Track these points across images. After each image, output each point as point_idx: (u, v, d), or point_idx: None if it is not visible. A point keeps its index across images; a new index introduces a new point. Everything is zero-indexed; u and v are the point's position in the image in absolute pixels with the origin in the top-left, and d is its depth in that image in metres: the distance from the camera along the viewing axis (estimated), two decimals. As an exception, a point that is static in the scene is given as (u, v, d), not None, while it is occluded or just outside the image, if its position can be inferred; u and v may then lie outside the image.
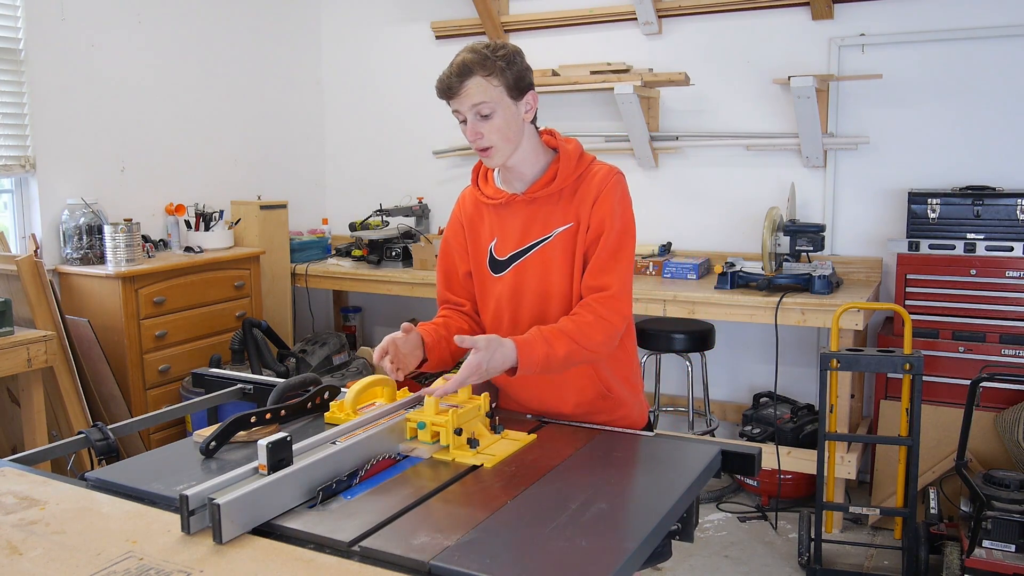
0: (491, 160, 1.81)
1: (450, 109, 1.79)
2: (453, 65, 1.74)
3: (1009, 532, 2.72)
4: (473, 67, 1.72)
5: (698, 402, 3.91)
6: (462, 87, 1.73)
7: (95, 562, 1.19)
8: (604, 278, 1.78)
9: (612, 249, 1.78)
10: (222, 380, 2.17)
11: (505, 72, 1.74)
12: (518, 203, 1.85)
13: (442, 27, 4.62)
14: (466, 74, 1.73)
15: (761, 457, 1.68)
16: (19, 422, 3.10)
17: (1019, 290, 3.21)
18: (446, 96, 1.77)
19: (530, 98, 1.80)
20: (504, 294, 1.88)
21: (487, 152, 1.79)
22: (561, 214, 1.82)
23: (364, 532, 1.27)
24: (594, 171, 1.83)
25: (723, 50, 4.00)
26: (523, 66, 1.79)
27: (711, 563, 3.17)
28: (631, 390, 1.93)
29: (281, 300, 4.36)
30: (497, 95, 1.74)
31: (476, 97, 1.73)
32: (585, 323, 1.75)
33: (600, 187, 1.80)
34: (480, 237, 1.92)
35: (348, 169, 5.08)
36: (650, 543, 1.31)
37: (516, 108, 1.78)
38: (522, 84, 1.78)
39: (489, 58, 1.73)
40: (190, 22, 4.18)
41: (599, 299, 1.77)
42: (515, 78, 1.76)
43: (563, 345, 1.71)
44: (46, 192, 3.57)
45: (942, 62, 3.59)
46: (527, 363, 1.69)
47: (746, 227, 4.01)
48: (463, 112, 1.76)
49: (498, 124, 1.76)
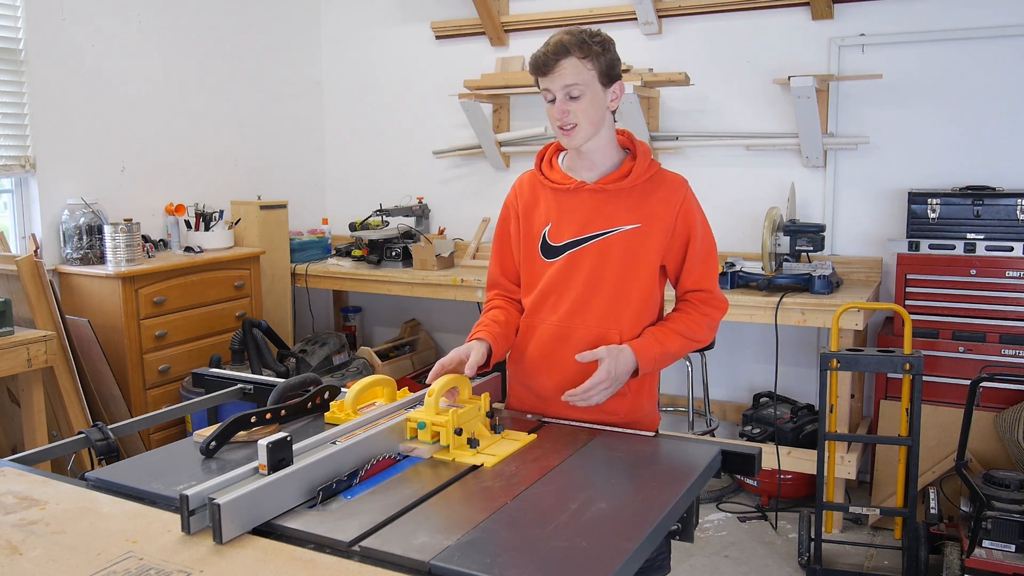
0: (572, 140, 1.84)
1: (540, 87, 1.83)
2: (550, 44, 1.79)
3: (1009, 532, 2.72)
4: (570, 48, 1.77)
5: (698, 402, 3.91)
6: (557, 65, 1.78)
7: (95, 562, 1.19)
8: (704, 282, 1.90)
9: (704, 254, 1.89)
10: (222, 380, 2.17)
11: (600, 57, 1.79)
12: (585, 192, 1.88)
13: (442, 27, 4.62)
14: (562, 53, 1.77)
15: (761, 457, 1.68)
16: (19, 422, 3.10)
17: (1019, 290, 3.21)
18: (540, 73, 1.81)
19: (617, 87, 1.85)
20: (553, 279, 1.90)
21: (571, 131, 1.82)
22: (627, 212, 1.85)
23: (364, 532, 1.27)
24: (664, 177, 1.89)
25: (723, 50, 4.00)
26: (615, 55, 1.84)
27: (711, 563, 3.17)
28: (649, 398, 1.95)
29: (281, 300, 4.36)
30: (589, 78, 1.79)
31: (569, 78, 1.78)
32: (693, 320, 1.88)
33: (679, 195, 1.87)
34: (533, 221, 1.94)
35: (348, 169, 5.08)
36: (650, 543, 1.31)
37: (604, 94, 1.83)
38: (612, 72, 1.83)
39: (586, 42, 1.78)
40: (190, 22, 4.18)
41: (703, 298, 1.90)
42: (607, 65, 1.81)
43: (675, 342, 1.85)
44: (46, 192, 3.57)
45: (942, 62, 3.59)
46: (647, 362, 1.81)
47: (746, 227, 4.01)
48: (553, 91, 1.80)
49: (585, 106, 1.80)
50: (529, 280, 1.96)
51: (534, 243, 1.93)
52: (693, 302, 1.90)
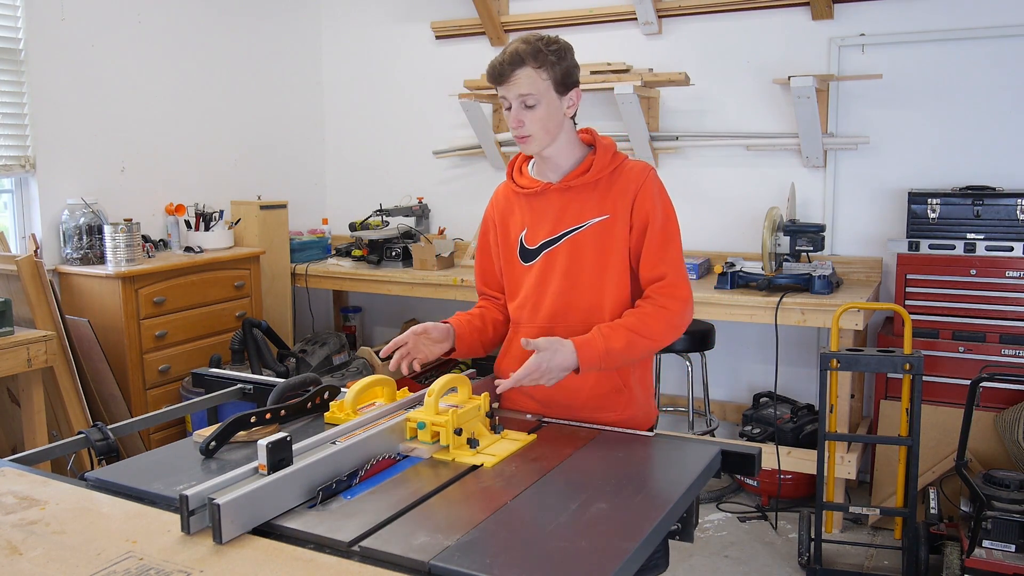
0: (528, 147, 1.87)
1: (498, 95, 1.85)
2: (506, 53, 1.81)
3: (1009, 532, 2.72)
4: (525, 57, 1.79)
5: (698, 402, 3.91)
6: (512, 75, 1.80)
7: (95, 562, 1.19)
8: (659, 268, 1.84)
9: (660, 240, 1.84)
10: (222, 380, 2.17)
11: (555, 67, 1.81)
12: (552, 192, 1.91)
13: (442, 27, 4.62)
14: (517, 63, 1.79)
15: (761, 457, 1.68)
16: (19, 422, 3.10)
17: (1019, 290, 3.21)
18: (495, 82, 1.83)
19: (573, 95, 1.87)
20: (532, 281, 1.93)
21: (526, 140, 1.85)
22: (596, 205, 1.87)
23: (364, 532, 1.27)
24: (628, 166, 1.90)
25: (723, 50, 4.00)
26: (572, 63, 1.85)
27: (711, 563, 3.17)
28: (645, 391, 1.96)
29: (281, 300, 4.36)
30: (544, 88, 1.81)
31: (524, 88, 1.80)
32: (644, 314, 1.81)
33: (638, 182, 1.86)
34: (510, 229, 1.98)
35: (348, 169, 5.08)
36: (650, 543, 1.31)
37: (560, 102, 1.84)
38: (568, 80, 1.84)
39: (542, 51, 1.80)
40: (190, 22, 4.18)
41: (657, 288, 1.84)
42: (563, 73, 1.82)
43: (621, 338, 1.77)
44: (46, 192, 3.57)
45: (942, 62, 3.59)
46: (587, 360, 1.74)
47: (746, 227, 4.01)
48: (509, 99, 1.83)
49: (540, 115, 1.82)
50: (511, 286, 1.99)
51: (512, 250, 1.97)
52: (651, 296, 1.84)
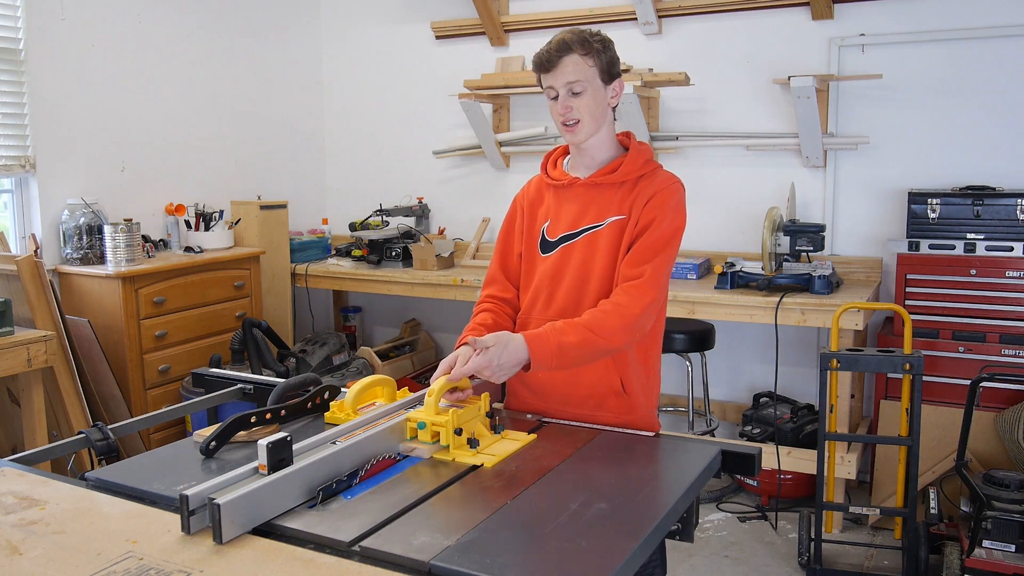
0: (575, 135, 1.88)
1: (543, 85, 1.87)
2: (552, 42, 1.84)
3: (1009, 532, 2.72)
4: (572, 45, 1.82)
5: (698, 402, 3.91)
6: (559, 62, 1.83)
7: (95, 562, 1.19)
8: (638, 268, 1.82)
9: (653, 244, 1.83)
10: (222, 380, 2.17)
11: (601, 55, 1.84)
12: (579, 187, 1.92)
13: (442, 27, 4.62)
14: (565, 51, 1.82)
15: (761, 457, 1.68)
16: (19, 422, 3.10)
17: (1019, 290, 3.21)
18: (543, 70, 1.85)
19: (617, 85, 1.90)
20: (546, 273, 1.94)
21: (574, 127, 1.86)
22: (617, 205, 1.89)
23: (364, 532, 1.27)
24: (657, 175, 1.90)
25: (723, 50, 4.00)
26: (615, 54, 1.88)
27: (711, 563, 3.17)
28: (646, 396, 1.93)
29: (281, 300, 4.36)
30: (590, 75, 1.84)
31: (571, 75, 1.82)
32: (601, 311, 1.78)
33: (658, 188, 1.87)
34: (536, 219, 2.00)
35: (348, 169, 5.08)
36: (650, 543, 1.31)
37: (605, 91, 1.87)
38: (613, 70, 1.88)
39: (588, 40, 1.83)
40: (190, 22, 4.18)
41: (625, 287, 1.81)
42: (608, 62, 1.86)
43: (574, 334, 1.74)
44: (46, 192, 3.57)
45: (942, 62, 3.59)
46: (539, 356, 1.72)
47: (746, 227, 4.01)
48: (556, 87, 1.85)
49: (587, 102, 1.84)
50: (527, 275, 1.99)
51: (535, 240, 1.98)
52: (616, 293, 1.81)
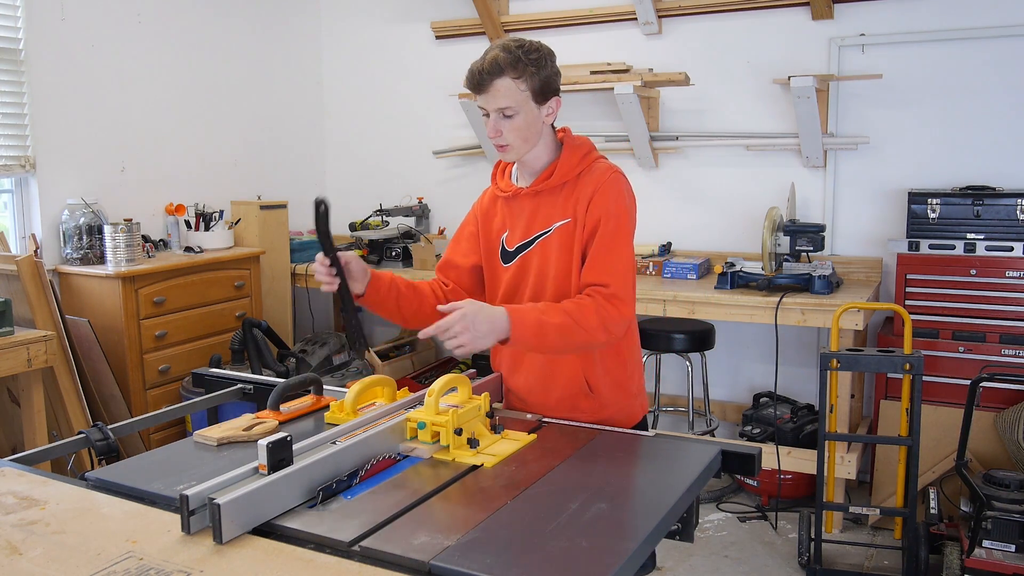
0: (506, 155, 1.87)
1: (476, 102, 1.83)
2: (485, 60, 1.78)
3: (1009, 532, 2.72)
4: (504, 67, 1.76)
5: (698, 402, 3.91)
6: (491, 85, 1.78)
7: (95, 562, 1.19)
8: (603, 275, 1.77)
9: (608, 247, 1.79)
10: (222, 380, 2.17)
11: (534, 76, 1.79)
12: (524, 196, 1.91)
13: (442, 27, 4.62)
14: (496, 73, 1.77)
15: (761, 457, 1.68)
16: (19, 422, 3.10)
17: (1019, 290, 3.21)
18: (474, 90, 1.81)
19: (553, 103, 1.85)
20: (510, 283, 1.94)
21: (504, 149, 1.84)
22: (561, 208, 1.86)
23: (364, 532, 1.27)
24: (595, 168, 1.86)
25: (723, 50, 4.00)
26: (552, 71, 1.83)
27: (711, 563, 3.17)
28: (620, 393, 1.92)
29: (281, 300, 4.36)
30: (522, 99, 1.79)
31: (502, 100, 1.78)
32: (583, 304, 1.74)
33: (596, 184, 1.82)
34: (492, 230, 1.98)
35: (348, 169, 5.08)
36: (650, 543, 1.31)
37: (538, 111, 1.82)
38: (548, 89, 1.82)
39: (521, 60, 1.77)
40: (190, 22, 4.18)
41: (600, 292, 1.76)
42: (542, 83, 1.80)
43: (556, 316, 1.71)
44: (46, 192, 3.57)
45: (942, 62, 3.59)
46: (520, 329, 1.68)
47: (746, 227, 4.01)
48: (488, 109, 1.81)
49: (519, 124, 1.80)
50: (492, 286, 1.99)
51: (495, 251, 1.97)
52: (591, 294, 1.77)
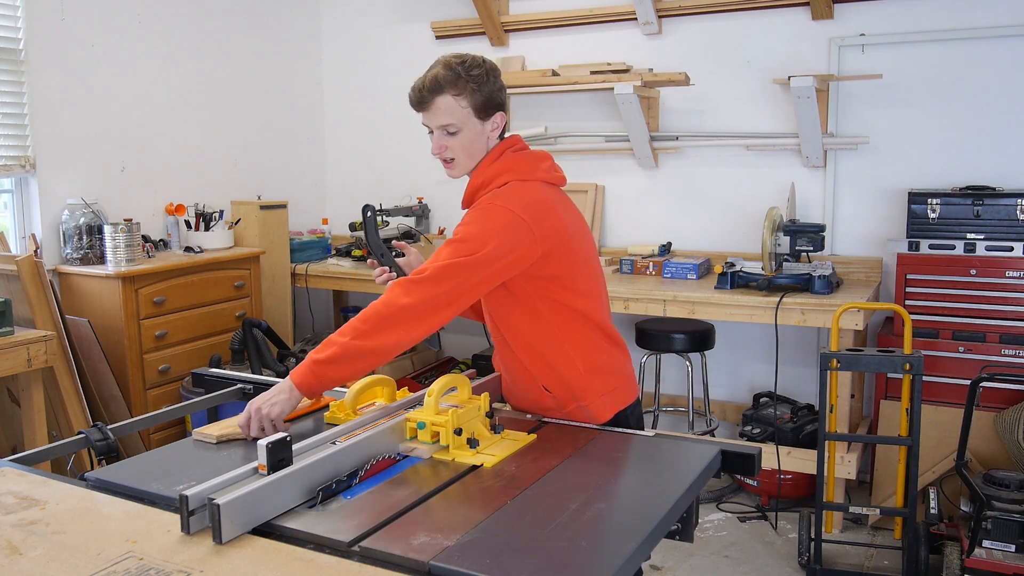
0: (453, 171, 1.88)
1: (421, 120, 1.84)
2: (426, 78, 1.79)
3: (1009, 532, 2.72)
4: (444, 84, 1.77)
5: (698, 402, 3.91)
6: (432, 103, 1.79)
7: (95, 562, 1.19)
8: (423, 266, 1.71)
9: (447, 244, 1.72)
10: (222, 380, 2.17)
11: (475, 93, 1.78)
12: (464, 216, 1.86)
13: (442, 27, 4.62)
14: (436, 90, 1.78)
15: (761, 457, 1.68)
16: (19, 422, 3.10)
17: (1019, 290, 3.21)
18: (416, 108, 1.83)
19: (498, 118, 1.84)
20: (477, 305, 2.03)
21: (449, 164, 1.86)
22: None
23: (364, 532, 1.27)
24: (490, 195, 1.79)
25: (723, 50, 4.00)
26: (495, 87, 1.82)
27: (711, 563, 3.17)
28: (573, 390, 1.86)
29: (281, 300, 4.36)
30: (464, 116, 1.79)
31: (443, 117, 1.79)
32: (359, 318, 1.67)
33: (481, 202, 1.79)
34: None
35: (348, 169, 5.08)
36: (650, 543, 1.31)
37: (482, 127, 1.83)
38: (490, 105, 1.82)
39: (462, 77, 1.77)
40: (190, 22, 4.18)
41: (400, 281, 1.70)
42: (484, 99, 1.80)
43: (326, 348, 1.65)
44: (46, 192, 3.57)
45: (942, 62, 3.59)
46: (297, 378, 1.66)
47: (746, 227, 4.01)
48: (431, 126, 1.83)
49: (462, 141, 1.82)
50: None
51: None
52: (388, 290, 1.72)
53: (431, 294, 1.66)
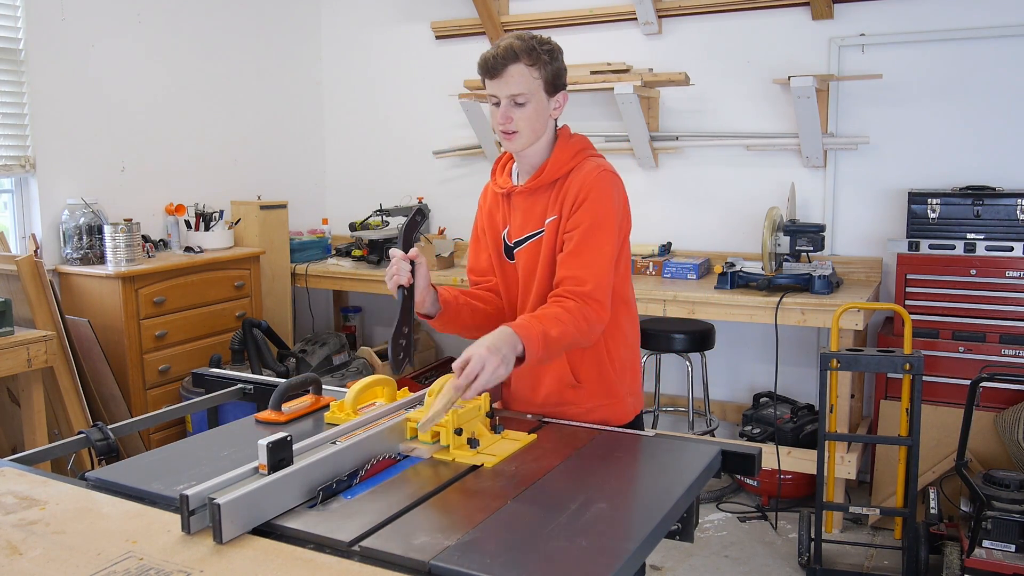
0: (512, 144, 1.86)
1: (486, 89, 1.83)
2: (499, 47, 1.79)
3: (1009, 532, 2.72)
4: (519, 54, 1.78)
5: (698, 402, 3.91)
6: (504, 71, 1.78)
7: (95, 562, 1.19)
8: (580, 271, 1.77)
9: (586, 239, 1.78)
10: (222, 380, 2.17)
11: (548, 66, 1.81)
12: (520, 194, 1.91)
13: (442, 27, 4.62)
14: (511, 59, 1.78)
15: (761, 457, 1.68)
16: (19, 422, 3.10)
17: (1019, 290, 3.21)
18: (487, 75, 1.81)
19: (561, 97, 1.86)
20: (514, 279, 1.96)
21: (511, 136, 1.84)
22: (551, 206, 1.87)
23: (364, 532, 1.27)
24: (584, 166, 1.86)
25: (723, 50, 4.00)
26: (562, 65, 1.85)
27: (711, 563, 3.17)
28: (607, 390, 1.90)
29: (281, 300, 4.36)
30: (535, 87, 1.80)
31: (515, 86, 1.79)
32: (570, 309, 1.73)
33: (582, 181, 1.82)
34: (496, 225, 1.99)
35: (348, 169, 5.08)
36: (650, 543, 1.31)
37: (548, 103, 1.84)
38: (558, 82, 1.84)
39: (535, 49, 1.79)
40: (190, 22, 4.18)
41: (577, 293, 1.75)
42: (554, 74, 1.82)
43: (556, 326, 1.69)
44: (46, 192, 3.57)
45: (942, 62, 3.59)
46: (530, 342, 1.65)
47: (746, 227, 4.01)
48: (499, 96, 1.81)
49: (528, 113, 1.81)
50: (502, 281, 2.01)
51: (499, 246, 1.99)
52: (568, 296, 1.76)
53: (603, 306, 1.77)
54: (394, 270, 1.77)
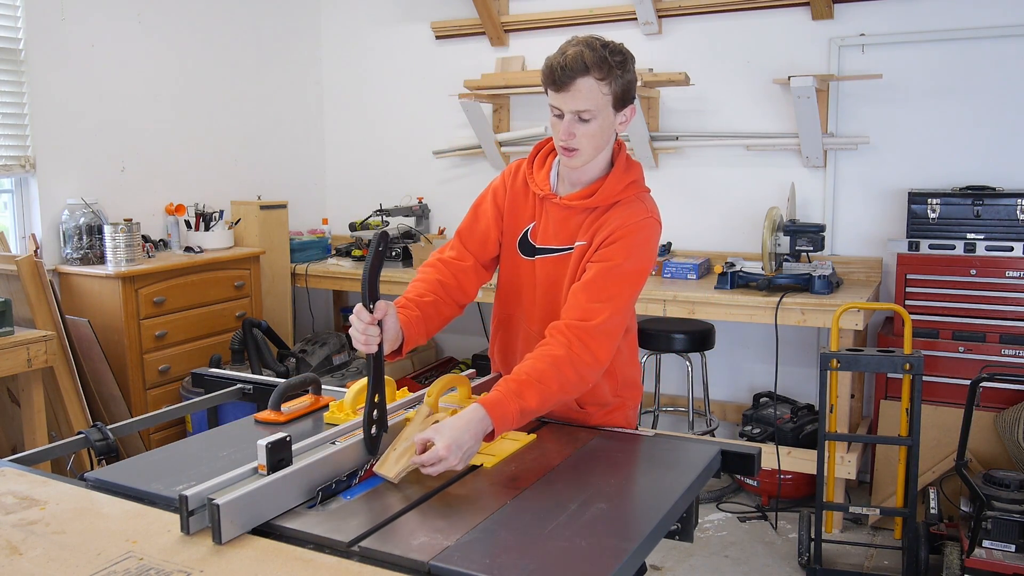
0: (573, 161, 1.73)
1: (549, 99, 1.68)
2: (568, 56, 1.62)
3: (1009, 532, 2.72)
4: (590, 66, 1.62)
5: (698, 402, 3.91)
6: (573, 84, 1.63)
7: (95, 562, 1.19)
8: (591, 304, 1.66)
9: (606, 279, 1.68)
10: (222, 380, 2.17)
11: (619, 79, 1.66)
12: (554, 205, 1.80)
13: (442, 27, 4.62)
14: (580, 71, 1.62)
15: (761, 457, 1.68)
16: (19, 422, 3.10)
17: (1019, 290, 3.21)
18: (553, 86, 1.65)
19: (628, 111, 1.73)
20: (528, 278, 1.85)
21: (572, 153, 1.70)
22: (585, 229, 1.77)
23: (364, 532, 1.27)
24: (633, 205, 1.76)
25: (723, 50, 4.00)
26: (634, 76, 1.71)
27: (711, 563, 3.17)
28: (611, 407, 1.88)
29: (281, 300, 4.36)
30: (603, 103, 1.66)
31: (583, 102, 1.64)
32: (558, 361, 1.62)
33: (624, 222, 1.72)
34: (520, 214, 1.86)
35: (348, 169, 5.08)
36: (650, 543, 1.31)
37: (614, 118, 1.71)
38: (628, 96, 1.70)
39: (607, 60, 1.63)
40: (190, 22, 4.18)
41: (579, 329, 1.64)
42: (624, 88, 1.68)
43: (534, 396, 1.58)
44: (46, 192, 3.57)
45: (942, 62, 3.59)
46: (503, 421, 1.55)
47: (746, 227, 4.01)
48: (563, 110, 1.67)
49: (593, 130, 1.67)
50: (507, 275, 1.90)
51: (515, 236, 1.87)
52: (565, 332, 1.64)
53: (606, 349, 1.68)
54: (362, 339, 1.56)
